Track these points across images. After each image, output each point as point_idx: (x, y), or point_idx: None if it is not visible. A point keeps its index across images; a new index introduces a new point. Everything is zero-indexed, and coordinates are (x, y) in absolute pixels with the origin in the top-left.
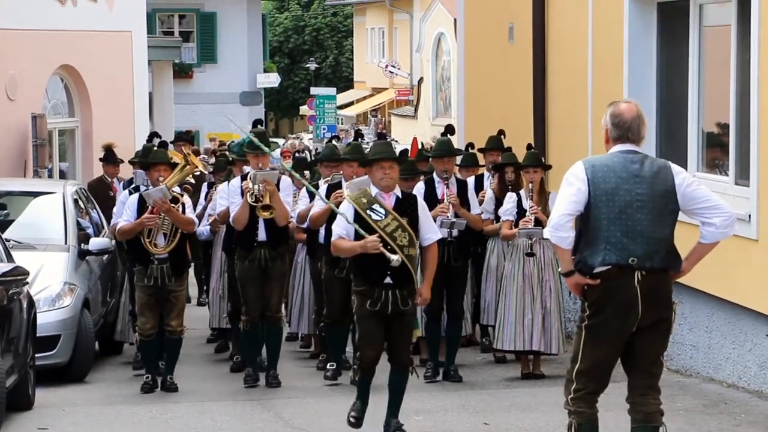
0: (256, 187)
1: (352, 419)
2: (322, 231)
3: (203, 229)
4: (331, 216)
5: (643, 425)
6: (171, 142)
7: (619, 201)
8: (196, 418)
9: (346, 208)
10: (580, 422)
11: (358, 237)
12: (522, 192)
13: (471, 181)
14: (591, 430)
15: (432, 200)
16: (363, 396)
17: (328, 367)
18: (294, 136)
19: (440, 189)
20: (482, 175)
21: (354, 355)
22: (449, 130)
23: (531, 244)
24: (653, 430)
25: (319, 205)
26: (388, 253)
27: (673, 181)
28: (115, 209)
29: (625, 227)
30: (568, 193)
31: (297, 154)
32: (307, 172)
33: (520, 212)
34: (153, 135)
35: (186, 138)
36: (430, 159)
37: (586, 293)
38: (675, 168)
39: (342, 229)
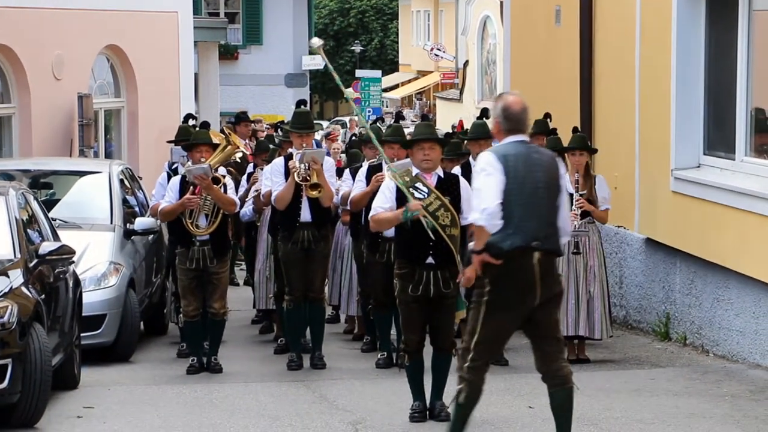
0: (302, 166)
1: (416, 415)
2: (364, 213)
3: (246, 209)
4: (371, 198)
5: (562, 388)
6: (232, 123)
7: (527, 188)
8: (241, 399)
9: (389, 187)
10: (468, 393)
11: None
12: (567, 176)
13: None
14: (476, 400)
15: (469, 184)
16: (418, 394)
17: (379, 356)
18: (333, 120)
19: None
20: None
21: (399, 338)
22: (485, 113)
23: (577, 242)
24: (570, 390)
25: (359, 187)
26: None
27: (559, 171)
28: (153, 191)
29: (532, 212)
30: (493, 182)
31: (354, 137)
32: (343, 155)
33: None
34: (188, 116)
35: (246, 118)
36: (466, 142)
37: (488, 270)
38: (559, 159)
39: (383, 203)
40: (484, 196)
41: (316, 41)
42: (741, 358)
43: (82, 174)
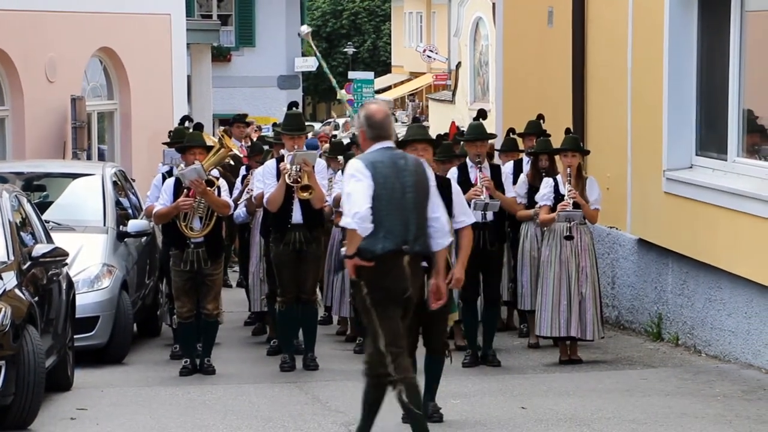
0: (293, 168)
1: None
2: None
3: (240, 211)
4: None
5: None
6: (229, 125)
7: (395, 193)
8: (234, 400)
9: None
10: (408, 389)
11: None
12: (559, 177)
13: (510, 165)
14: (417, 392)
15: (465, 185)
16: None
17: None
18: (325, 122)
19: (473, 173)
20: (521, 159)
21: None
22: (482, 114)
23: (569, 227)
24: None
25: None
26: None
27: (427, 174)
28: (148, 192)
29: (400, 216)
30: (363, 188)
31: (333, 138)
32: (341, 158)
33: (557, 197)
34: (185, 118)
35: (242, 120)
36: (462, 143)
37: (362, 274)
38: (425, 164)
39: None
40: (354, 201)
41: (305, 28)
42: (733, 358)
43: (75, 176)
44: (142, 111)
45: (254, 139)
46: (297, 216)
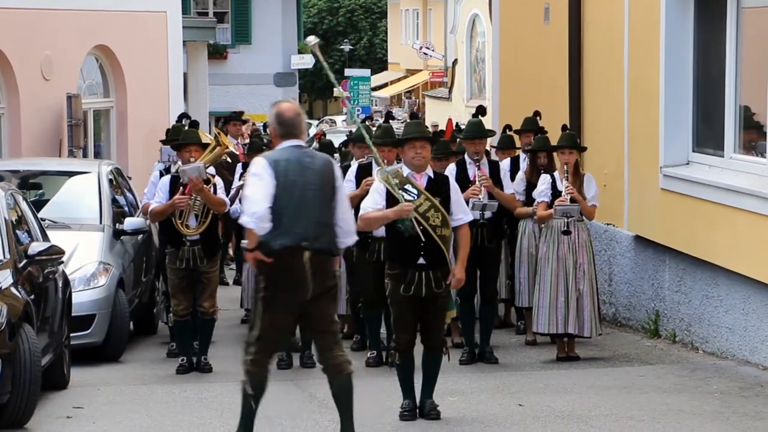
0: None
1: (406, 414)
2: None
3: (237, 206)
4: (360, 200)
5: (339, 375)
6: (224, 123)
7: (298, 191)
8: (230, 398)
9: (379, 189)
10: (254, 385)
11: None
12: (556, 174)
13: (507, 162)
14: (261, 389)
15: (464, 182)
16: (408, 393)
17: (368, 355)
18: (322, 119)
19: (472, 170)
20: (518, 156)
21: (389, 337)
22: (480, 111)
23: (567, 222)
24: (348, 377)
25: (349, 188)
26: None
27: (334, 174)
28: (146, 190)
29: (301, 213)
30: (263, 186)
31: (322, 138)
32: (336, 155)
33: (555, 194)
34: (183, 116)
35: (238, 118)
36: (459, 140)
37: (263, 268)
38: (334, 162)
39: (373, 204)
40: (253, 200)
41: (311, 39)
42: (730, 354)
43: (71, 174)
44: (139, 109)
45: (250, 132)
46: None
